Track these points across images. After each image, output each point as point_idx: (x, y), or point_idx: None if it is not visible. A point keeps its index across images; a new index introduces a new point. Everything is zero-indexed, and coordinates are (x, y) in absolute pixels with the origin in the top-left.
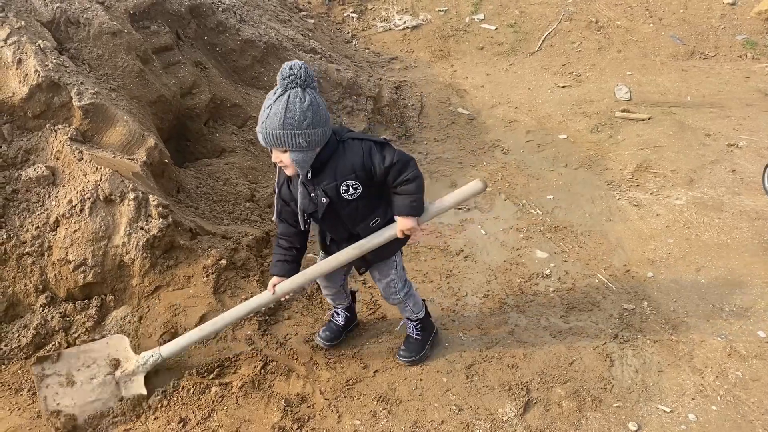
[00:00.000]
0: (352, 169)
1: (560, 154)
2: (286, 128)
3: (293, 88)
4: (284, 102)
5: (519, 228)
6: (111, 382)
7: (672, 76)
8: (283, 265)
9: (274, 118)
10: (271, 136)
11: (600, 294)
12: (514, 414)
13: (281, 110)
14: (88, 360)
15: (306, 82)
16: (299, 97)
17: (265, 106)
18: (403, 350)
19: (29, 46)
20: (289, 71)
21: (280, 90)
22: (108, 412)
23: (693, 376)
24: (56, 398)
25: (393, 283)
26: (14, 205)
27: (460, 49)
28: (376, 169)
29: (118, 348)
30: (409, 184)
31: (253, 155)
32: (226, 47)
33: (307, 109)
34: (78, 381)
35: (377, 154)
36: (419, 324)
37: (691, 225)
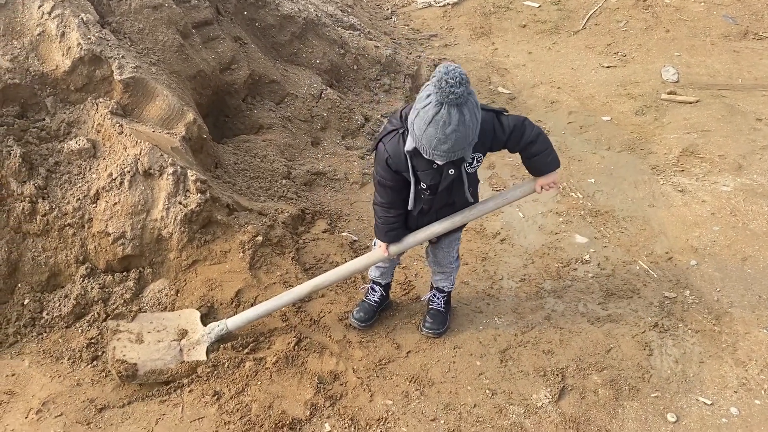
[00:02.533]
0: (483, 143)
1: (603, 137)
2: (471, 141)
3: (466, 102)
4: (468, 119)
5: (558, 212)
6: (176, 348)
7: (723, 57)
8: (396, 233)
9: (464, 139)
10: (457, 155)
11: (640, 281)
12: (548, 400)
13: (471, 131)
14: (160, 326)
15: (471, 92)
16: (474, 106)
17: (444, 131)
18: (431, 323)
19: (72, 19)
20: (459, 88)
21: (455, 111)
22: (166, 371)
23: (736, 369)
24: (123, 350)
25: (454, 252)
26: (56, 177)
27: (502, 26)
28: (498, 140)
29: (188, 320)
30: (536, 144)
31: (290, 132)
32: (265, 22)
33: (478, 121)
34: (146, 341)
35: (502, 130)
36: (446, 297)
37: (738, 212)
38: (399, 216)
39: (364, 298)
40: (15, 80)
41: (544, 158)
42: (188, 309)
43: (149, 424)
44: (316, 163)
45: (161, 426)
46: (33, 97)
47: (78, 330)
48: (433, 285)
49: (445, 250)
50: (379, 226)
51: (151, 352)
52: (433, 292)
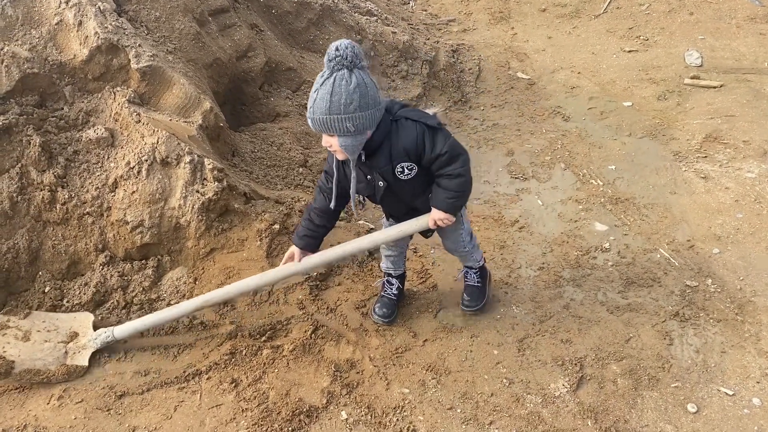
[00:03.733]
0: (406, 152)
1: (624, 123)
2: (333, 113)
3: (339, 70)
4: (330, 85)
5: (578, 199)
6: (61, 350)
7: (748, 40)
8: (309, 240)
9: (321, 102)
10: (319, 121)
11: (661, 270)
12: (566, 390)
13: (327, 94)
14: (51, 326)
15: (353, 62)
16: (345, 80)
17: (313, 89)
18: (468, 299)
19: (89, 8)
20: (335, 52)
21: (327, 73)
22: (44, 371)
23: (759, 359)
24: (6, 347)
25: (461, 238)
26: (75, 166)
27: (521, 10)
28: (424, 154)
29: (81, 323)
30: (452, 180)
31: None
32: (282, 9)
33: (353, 92)
34: (33, 339)
35: (429, 139)
36: (478, 272)
37: (763, 199)
38: (322, 226)
39: (382, 293)
40: (34, 69)
41: (447, 196)
42: (84, 312)
43: (168, 411)
44: None
45: (180, 413)
46: (51, 87)
47: (98, 317)
48: (463, 264)
49: (450, 236)
50: (299, 229)
51: (34, 351)
52: (464, 270)
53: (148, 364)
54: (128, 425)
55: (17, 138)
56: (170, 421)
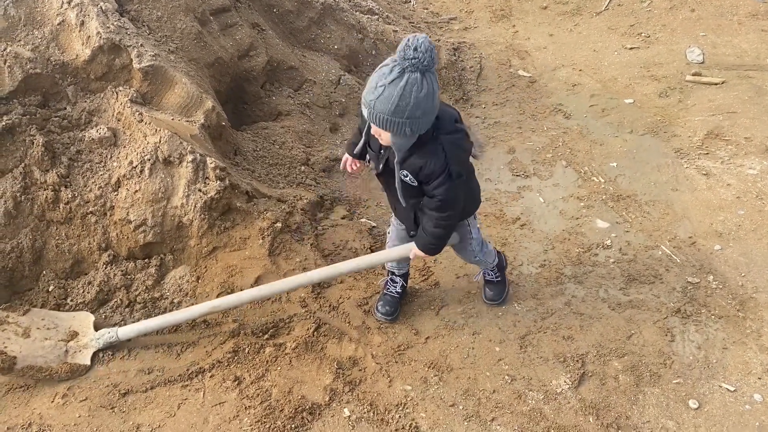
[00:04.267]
0: (419, 168)
1: (626, 120)
2: (396, 116)
3: (413, 72)
4: (401, 87)
5: (579, 196)
6: (62, 348)
7: (750, 37)
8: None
9: (386, 102)
10: (378, 119)
11: (663, 266)
12: (568, 386)
13: (395, 97)
14: (50, 324)
15: (428, 66)
16: (417, 85)
17: (377, 82)
18: (491, 293)
19: (91, 8)
20: (413, 53)
21: (397, 70)
22: (46, 369)
23: (760, 355)
24: (6, 342)
25: (472, 245)
26: (78, 166)
27: (523, 8)
28: (428, 186)
29: (81, 323)
30: (431, 225)
31: (308, 119)
32: (283, 8)
33: (422, 100)
34: (33, 336)
35: (439, 181)
36: (495, 268)
37: (764, 196)
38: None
39: (385, 291)
40: (36, 70)
41: (424, 240)
42: (83, 312)
43: (171, 409)
44: (335, 149)
45: (183, 410)
46: (54, 87)
47: (101, 316)
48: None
49: (461, 253)
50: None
51: (35, 348)
52: (481, 272)
53: (152, 362)
54: (132, 423)
55: (20, 138)
56: (174, 419)
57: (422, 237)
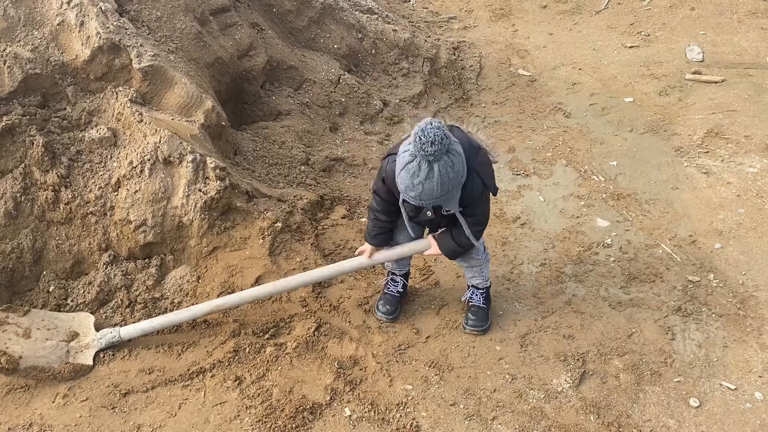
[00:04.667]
0: (463, 200)
1: (626, 118)
2: (444, 194)
3: (439, 160)
4: (437, 177)
5: (580, 195)
6: (63, 348)
7: (750, 35)
8: (383, 236)
9: (430, 193)
10: (431, 203)
11: (663, 265)
12: (569, 385)
13: (437, 186)
14: (51, 325)
15: (449, 148)
16: (449, 166)
17: (412, 182)
18: (473, 320)
19: (91, 8)
20: (431, 149)
21: (425, 165)
22: (48, 369)
23: (761, 353)
24: (8, 343)
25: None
26: (78, 166)
27: (522, 7)
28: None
29: (81, 324)
30: (463, 238)
31: (308, 118)
32: (283, 8)
33: (457, 171)
34: (34, 337)
35: (480, 199)
36: (485, 293)
37: (765, 194)
38: (388, 222)
39: (385, 290)
40: (36, 70)
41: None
42: (83, 313)
43: (172, 409)
44: (335, 148)
45: (184, 410)
46: (54, 87)
47: (102, 316)
48: (468, 283)
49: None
50: (369, 229)
51: (36, 348)
52: (470, 290)
53: (153, 362)
54: (133, 423)
55: (20, 138)
56: (175, 419)
57: (450, 242)
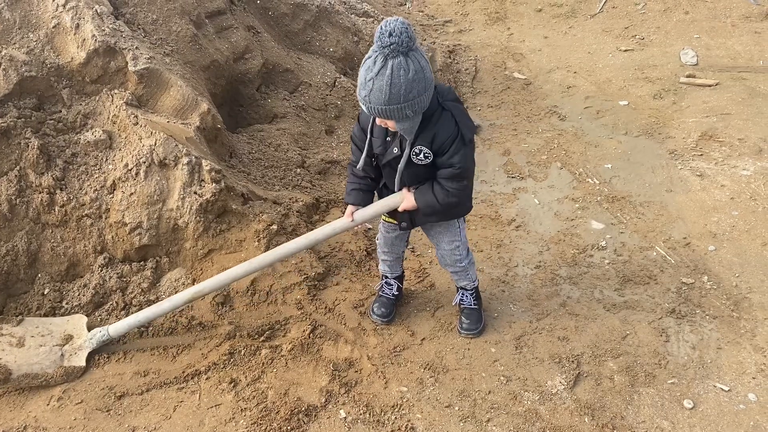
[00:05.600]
0: (432, 140)
1: (620, 121)
2: (392, 103)
3: (395, 57)
4: (388, 76)
5: (574, 198)
6: (57, 353)
7: (744, 39)
8: (357, 193)
9: (378, 93)
10: (377, 111)
11: (657, 267)
12: (563, 387)
13: (386, 86)
14: (45, 331)
15: (408, 46)
16: (403, 68)
17: (365, 77)
18: (467, 323)
19: (86, 11)
20: (389, 39)
21: (380, 60)
22: (42, 375)
23: (755, 355)
24: (1, 354)
25: (458, 250)
26: (74, 168)
27: (518, 11)
28: (443, 156)
29: (75, 326)
30: (444, 194)
31: (304, 121)
32: (278, 11)
33: (412, 80)
34: (28, 345)
35: (455, 147)
36: (474, 293)
37: (758, 197)
38: (365, 177)
39: (380, 294)
40: (32, 73)
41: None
42: (77, 315)
43: (167, 411)
44: (330, 151)
45: (179, 413)
46: (49, 89)
47: (97, 319)
48: (457, 285)
49: (445, 246)
50: (347, 186)
51: (30, 356)
52: (460, 292)
53: (148, 365)
54: (128, 426)
55: (15, 141)
56: (170, 421)
57: (426, 198)
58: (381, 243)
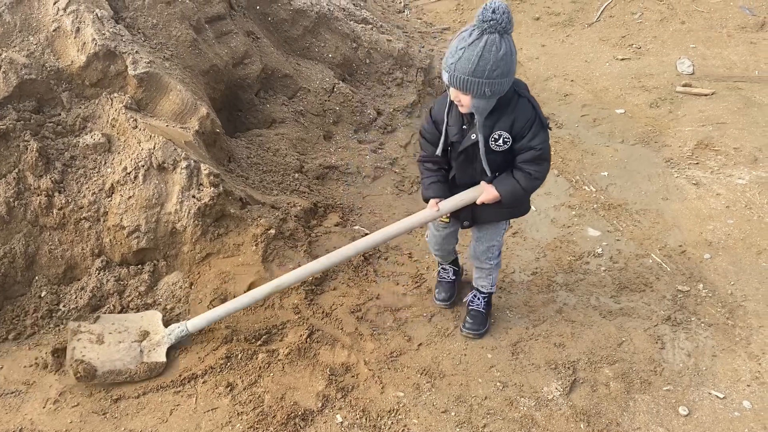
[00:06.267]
0: (511, 125)
1: (617, 130)
2: (476, 76)
3: (491, 33)
4: (480, 48)
5: (571, 205)
6: (136, 349)
7: (739, 49)
8: (437, 185)
9: (466, 63)
10: (459, 80)
11: (653, 275)
12: (559, 393)
13: (475, 57)
14: (121, 327)
15: (506, 28)
16: (495, 45)
17: (456, 45)
18: (470, 323)
19: (87, 14)
20: (491, 15)
21: (476, 33)
22: (125, 371)
23: (749, 362)
24: (83, 351)
25: (494, 249)
26: (72, 171)
27: (515, 19)
28: (523, 140)
29: (150, 322)
30: (527, 178)
31: (302, 126)
32: (278, 17)
33: (500, 59)
34: (107, 342)
35: (534, 130)
36: (487, 297)
37: (753, 206)
38: (439, 169)
39: (439, 279)
40: (31, 75)
41: (515, 189)
42: (151, 311)
43: (164, 415)
44: (329, 156)
45: (175, 416)
46: (49, 92)
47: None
48: (474, 284)
49: (485, 243)
50: (422, 182)
51: (111, 353)
52: (473, 292)
53: None
54: (124, 429)
55: (14, 143)
56: (166, 425)
57: (508, 185)
58: (431, 242)
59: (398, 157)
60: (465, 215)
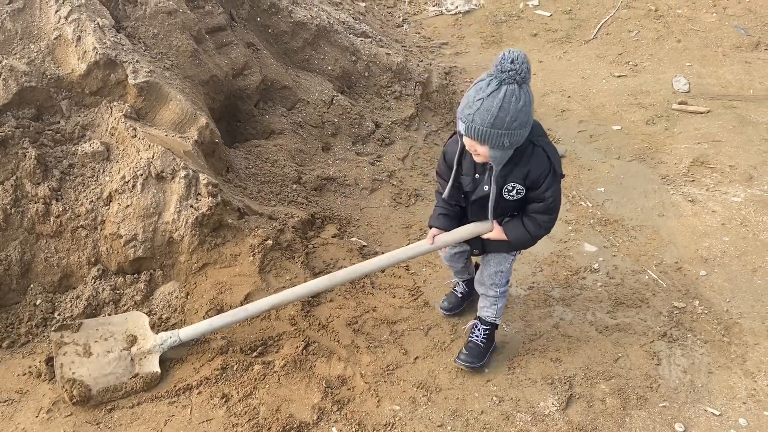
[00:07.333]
0: (526, 176)
1: (613, 146)
2: (496, 127)
3: (510, 84)
4: (499, 99)
5: (568, 220)
6: (126, 358)
7: (734, 68)
8: (444, 218)
9: (485, 114)
10: (477, 131)
11: (649, 291)
12: (555, 408)
13: (494, 108)
14: (106, 333)
15: (525, 78)
16: (515, 96)
17: (474, 96)
18: (465, 355)
19: (88, 23)
20: (510, 65)
21: (494, 83)
22: (121, 387)
23: (745, 380)
24: (72, 367)
25: (501, 275)
26: (70, 179)
27: (513, 35)
28: (537, 191)
29: (136, 325)
30: (535, 227)
31: (301, 138)
32: (278, 29)
33: (520, 110)
34: (95, 353)
35: (548, 181)
36: (488, 330)
37: (748, 223)
38: (454, 205)
39: (452, 290)
40: (32, 83)
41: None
42: (135, 312)
43: (158, 425)
44: (327, 168)
45: (170, 427)
46: (49, 100)
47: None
48: (477, 314)
49: (493, 267)
50: (434, 211)
51: (101, 366)
52: (474, 322)
53: None
54: None
55: (13, 150)
56: None
57: (517, 231)
58: (444, 257)
59: (396, 169)
60: (475, 244)
